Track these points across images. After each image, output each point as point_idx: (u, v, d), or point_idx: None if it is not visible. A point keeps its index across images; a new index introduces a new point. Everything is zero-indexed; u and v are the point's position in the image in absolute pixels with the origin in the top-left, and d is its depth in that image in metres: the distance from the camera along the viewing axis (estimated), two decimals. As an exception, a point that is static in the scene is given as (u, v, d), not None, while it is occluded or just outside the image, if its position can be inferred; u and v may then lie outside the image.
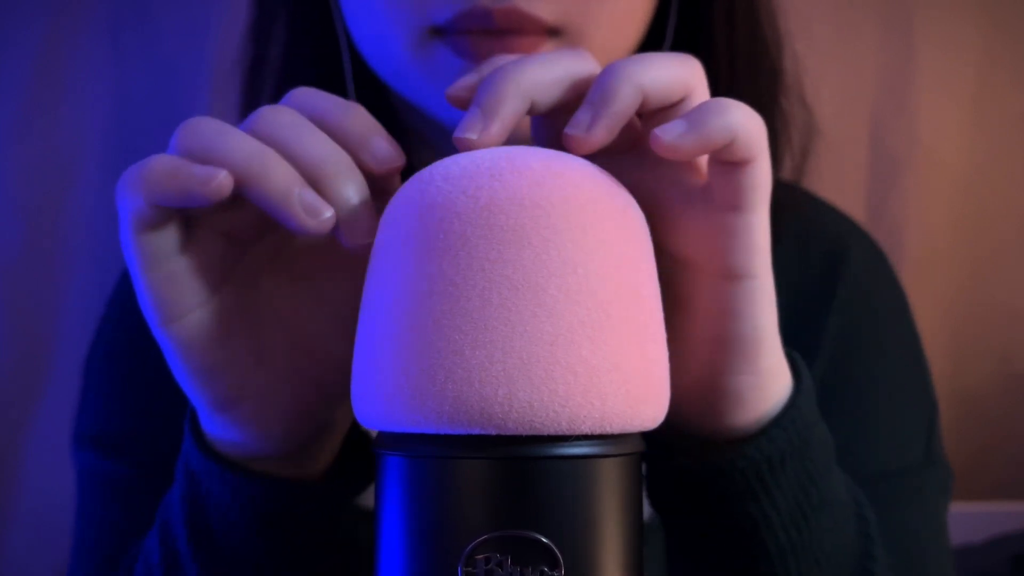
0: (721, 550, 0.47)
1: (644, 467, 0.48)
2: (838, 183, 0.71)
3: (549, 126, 0.42)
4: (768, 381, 0.44)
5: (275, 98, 0.67)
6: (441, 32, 0.54)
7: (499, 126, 0.39)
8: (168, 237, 0.40)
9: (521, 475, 0.34)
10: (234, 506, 0.44)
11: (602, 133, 0.39)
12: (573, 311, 0.34)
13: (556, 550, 0.34)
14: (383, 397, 0.35)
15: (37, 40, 1.15)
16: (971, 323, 1.30)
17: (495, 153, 0.37)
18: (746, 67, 0.63)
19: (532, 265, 0.34)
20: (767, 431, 0.45)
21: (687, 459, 0.46)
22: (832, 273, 0.67)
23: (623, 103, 0.39)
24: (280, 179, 0.39)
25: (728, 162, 0.40)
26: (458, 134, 0.39)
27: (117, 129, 1.17)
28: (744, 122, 0.39)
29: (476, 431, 0.34)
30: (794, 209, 0.66)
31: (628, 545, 0.35)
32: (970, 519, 1.12)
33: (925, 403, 0.67)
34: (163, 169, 0.39)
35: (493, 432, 0.34)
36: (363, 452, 0.48)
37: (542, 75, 0.40)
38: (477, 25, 0.52)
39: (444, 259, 0.35)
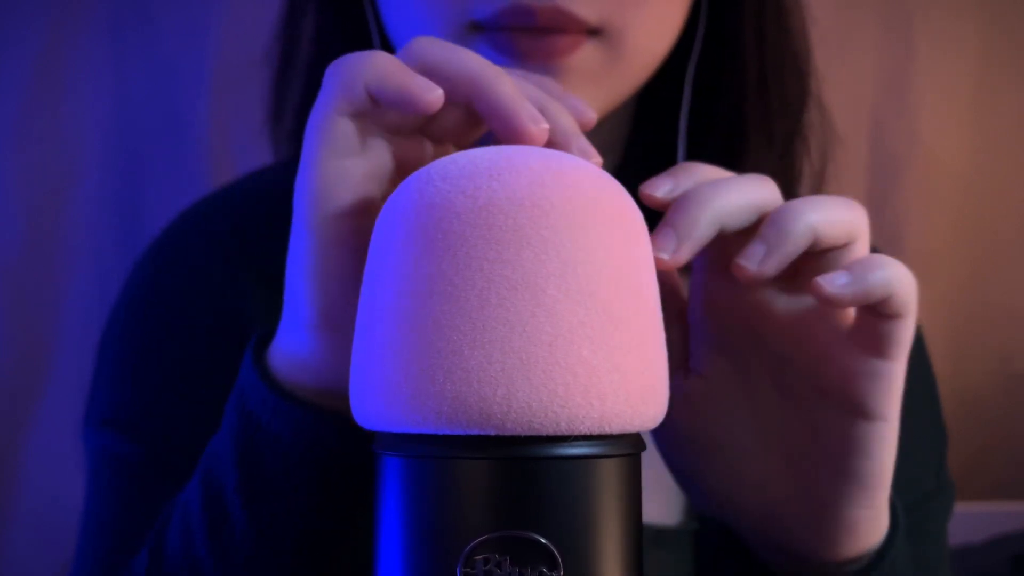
0: None
1: None
2: (838, 183, 0.71)
3: (721, 244, 0.44)
4: (880, 514, 0.47)
5: (304, 97, 0.68)
6: (481, 28, 0.54)
7: (690, 248, 0.42)
8: (359, 131, 0.41)
9: (520, 475, 0.34)
10: (296, 445, 0.44)
11: (772, 269, 0.42)
12: (572, 311, 0.34)
13: (555, 550, 0.34)
14: (382, 397, 0.35)
15: (37, 40, 1.15)
16: (971, 323, 1.30)
17: (494, 153, 0.37)
18: (775, 73, 0.63)
19: (531, 265, 0.34)
20: (875, 565, 0.47)
21: None
22: None
23: (797, 244, 0.42)
24: (511, 87, 0.41)
25: (881, 315, 0.43)
26: (653, 252, 0.40)
27: (117, 129, 1.17)
28: (902, 280, 0.42)
29: (475, 431, 0.34)
30: None
31: (627, 545, 0.35)
32: (970, 519, 1.12)
33: (937, 435, 0.68)
34: (388, 65, 0.40)
35: (492, 432, 0.34)
36: None
37: (734, 202, 0.43)
38: (519, 22, 0.53)
39: (443, 259, 0.35)
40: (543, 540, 0.33)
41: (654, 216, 0.43)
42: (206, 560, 0.46)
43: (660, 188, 0.44)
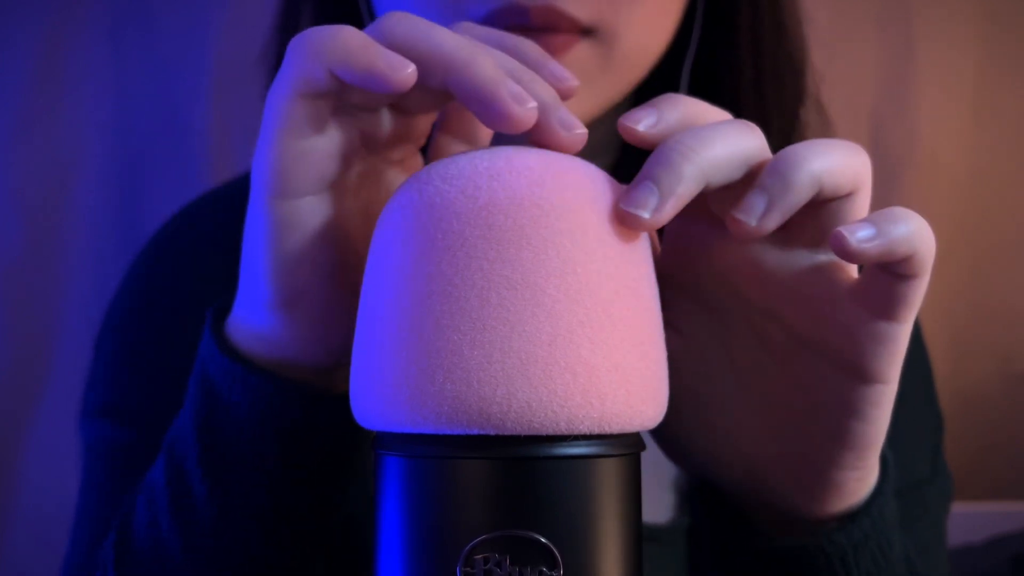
0: None
1: (715, 535, 0.49)
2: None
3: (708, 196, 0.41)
4: (871, 475, 0.45)
5: None
6: None
7: (673, 207, 0.37)
8: (320, 112, 0.39)
9: (520, 475, 0.34)
10: (254, 413, 0.43)
11: (774, 224, 0.38)
12: (572, 311, 0.34)
13: (555, 550, 0.34)
14: (382, 397, 0.35)
15: (37, 40, 1.15)
16: (971, 323, 1.30)
17: (494, 153, 0.37)
18: (771, 72, 0.63)
19: (531, 265, 0.34)
20: (856, 519, 0.45)
21: (768, 536, 0.46)
22: None
23: (801, 194, 0.38)
24: (490, 67, 0.38)
25: (897, 274, 0.39)
26: (628, 207, 0.36)
27: (117, 129, 1.17)
28: (924, 236, 0.38)
29: (475, 431, 0.34)
30: None
31: (627, 545, 0.35)
32: (970, 519, 1.12)
33: (933, 421, 0.68)
34: (354, 42, 0.38)
35: (492, 432, 0.34)
36: None
37: (720, 154, 0.38)
38: (512, 21, 0.52)
39: (443, 259, 0.35)
40: (543, 540, 0.34)
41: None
42: (169, 534, 0.46)
43: (642, 121, 0.39)
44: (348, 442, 0.45)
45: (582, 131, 0.38)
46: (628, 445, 0.36)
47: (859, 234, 0.37)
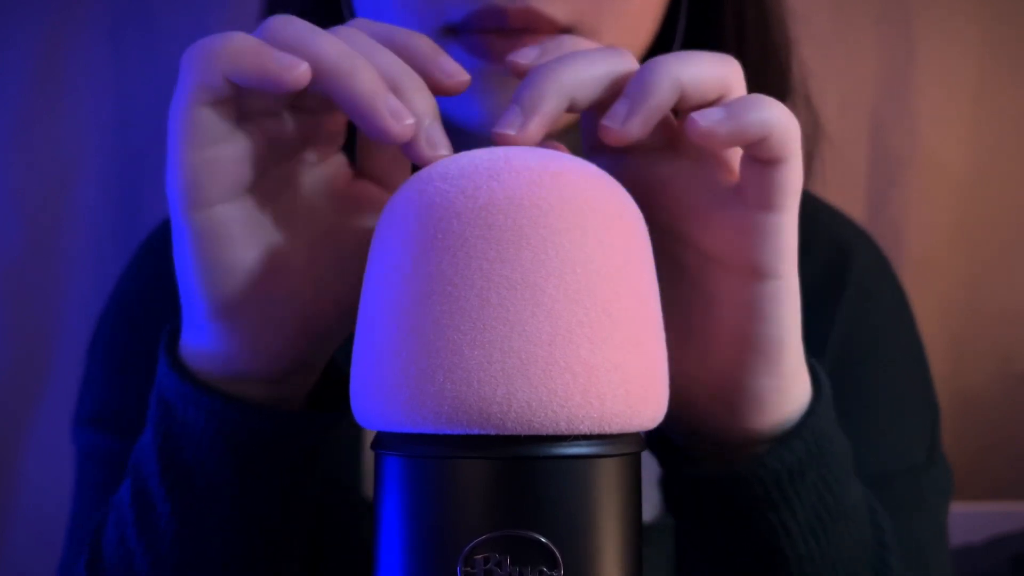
0: (738, 558, 0.46)
1: (660, 472, 0.48)
2: (838, 183, 0.71)
3: (593, 120, 0.43)
4: (789, 384, 0.44)
5: None
6: (455, 31, 0.54)
7: (538, 123, 0.39)
8: (222, 118, 0.39)
9: (520, 475, 0.34)
10: (208, 431, 0.43)
11: (638, 126, 0.40)
12: (572, 311, 0.34)
13: (555, 550, 0.34)
14: (382, 397, 0.35)
15: (37, 40, 1.15)
16: (971, 323, 1.30)
17: (493, 153, 0.37)
18: (755, 69, 0.63)
19: (531, 265, 0.34)
20: (786, 440, 0.44)
21: (704, 465, 0.46)
22: (836, 278, 0.67)
23: (660, 97, 0.40)
24: (370, 80, 0.38)
25: (761, 160, 0.40)
26: (497, 129, 0.39)
27: (117, 129, 1.17)
28: (781, 119, 0.40)
29: (475, 431, 0.34)
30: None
31: (627, 545, 0.35)
32: (970, 519, 1.12)
33: (927, 406, 0.67)
34: (245, 46, 0.38)
35: (492, 432, 0.34)
36: (338, 389, 0.48)
37: (583, 73, 0.40)
38: (491, 24, 0.52)
39: (442, 259, 0.35)
40: (543, 540, 0.34)
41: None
42: (137, 551, 0.46)
43: (527, 56, 0.42)
44: (305, 454, 0.46)
45: (447, 151, 0.39)
46: (628, 445, 0.36)
47: (710, 116, 0.39)
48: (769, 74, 0.64)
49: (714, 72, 0.41)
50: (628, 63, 0.42)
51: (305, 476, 0.46)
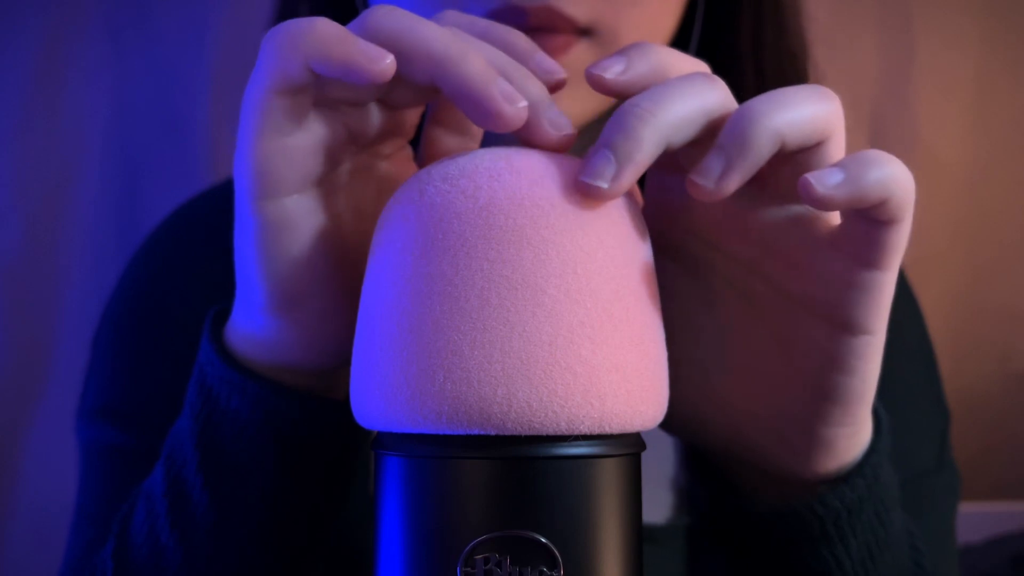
0: None
1: (709, 503, 0.48)
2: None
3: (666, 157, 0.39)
4: (862, 431, 0.43)
5: None
6: None
7: (633, 174, 0.35)
8: (299, 108, 0.38)
9: (520, 475, 0.34)
10: (255, 419, 0.43)
11: (734, 184, 0.36)
12: (572, 311, 0.34)
13: (555, 550, 0.34)
14: (382, 397, 0.35)
15: (37, 40, 1.15)
16: (971, 323, 1.30)
17: (494, 153, 0.37)
18: (773, 71, 0.63)
19: (531, 265, 0.34)
20: (849, 479, 0.44)
21: (760, 500, 0.45)
22: None
23: (759, 154, 0.36)
24: (481, 65, 0.37)
25: (874, 219, 0.37)
26: (587, 179, 0.35)
27: (117, 129, 1.17)
28: (900, 180, 0.37)
29: (475, 431, 0.34)
30: None
31: (627, 545, 0.35)
32: (970, 519, 1.12)
33: (938, 411, 0.68)
34: (330, 33, 0.36)
35: (492, 432, 0.34)
36: None
37: (681, 111, 0.36)
38: (510, 23, 0.52)
39: (443, 259, 0.35)
40: (543, 540, 0.33)
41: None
42: (169, 543, 0.45)
43: (610, 69, 0.38)
44: (348, 446, 0.45)
45: (571, 131, 0.37)
46: (628, 445, 0.36)
47: (827, 180, 0.36)
48: (788, 73, 0.64)
49: (815, 115, 0.37)
50: (722, 96, 0.38)
51: (344, 471, 0.46)
